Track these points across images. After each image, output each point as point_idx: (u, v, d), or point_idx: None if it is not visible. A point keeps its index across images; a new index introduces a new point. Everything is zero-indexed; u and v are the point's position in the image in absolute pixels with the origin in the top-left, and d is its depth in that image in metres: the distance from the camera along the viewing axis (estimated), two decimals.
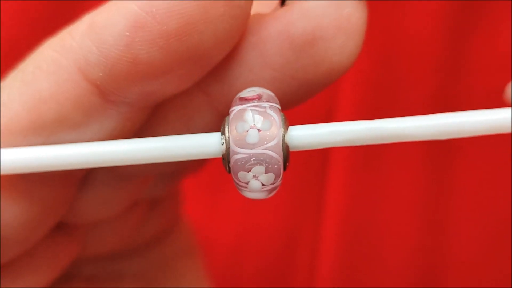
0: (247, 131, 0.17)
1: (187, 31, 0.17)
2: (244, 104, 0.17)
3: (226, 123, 0.17)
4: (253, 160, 0.17)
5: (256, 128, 0.17)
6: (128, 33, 0.17)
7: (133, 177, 0.21)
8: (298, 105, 0.19)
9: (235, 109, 0.17)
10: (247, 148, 0.17)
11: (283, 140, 0.17)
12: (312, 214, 0.32)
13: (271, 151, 0.17)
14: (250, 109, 0.17)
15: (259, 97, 0.17)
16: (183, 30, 0.17)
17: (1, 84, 0.19)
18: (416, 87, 0.30)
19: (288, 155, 0.17)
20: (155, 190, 0.23)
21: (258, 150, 0.17)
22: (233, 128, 0.17)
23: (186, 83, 0.18)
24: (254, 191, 0.17)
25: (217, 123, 0.20)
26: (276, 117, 0.17)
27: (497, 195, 0.31)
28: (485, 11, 0.30)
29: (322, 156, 0.32)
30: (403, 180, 0.31)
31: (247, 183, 0.17)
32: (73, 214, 0.21)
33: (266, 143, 0.17)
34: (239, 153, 0.17)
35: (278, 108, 0.17)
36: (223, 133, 0.17)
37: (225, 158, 0.17)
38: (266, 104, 0.17)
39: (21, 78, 0.18)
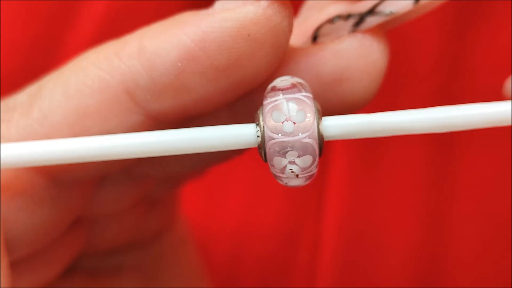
0: (282, 122, 0.17)
1: (235, 67, 0.18)
2: (278, 94, 0.17)
3: (260, 114, 0.17)
4: (289, 146, 0.17)
5: (291, 120, 0.17)
6: (180, 64, 0.18)
7: (144, 177, 0.22)
8: None
9: (269, 100, 0.17)
10: (283, 135, 0.17)
11: (318, 129, 0.17)
12: (312, 212, 0.32)
13: (307, 137, 0.17)
14: (285, 100, 0.17)
15: (292, 87, 0.18)
16: (232, 66, 0.18)
17: (35, 94, 0.19)
18: (417, 85, 0.30)
19: (323, 144, 0.17)
20: (160, 190, 0.24)
21: (294, 137, 0.17)
22: (268, 118, 0.17)
23: (221, 105, 0.19)
24: (290, 178, 0.17)
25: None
26: (310, 107, 0.17)
27: (497, 194, 0.31)
28: (485, 10, 0.30)
29: (322, 155, 0.32)
30: (403, 179, 0.31)
31: (284, 168, 0.17)
32: (85, 211, 0.22)
33: (301, 134, 0.17)
34: (275, 138, 0.17)
35: (311, 97, 0.17)
36: (257, 123, 0.17)
37: (261, 147, 0.17)
38: (299, 95, 0.17)
39: (61, 91, 0.19)
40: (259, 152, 0.18)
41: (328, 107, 0.19)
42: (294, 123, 0.17)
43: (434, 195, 0.31)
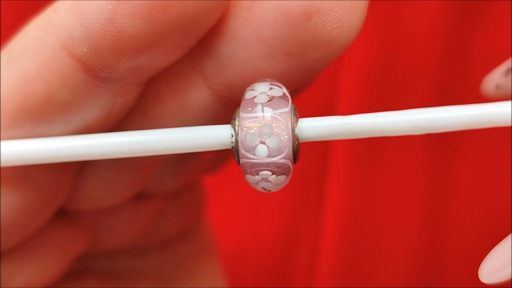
0: (257, 145, 0.17)
1: (170, 2, 0.16)
2: (255, 109, 0.17)
3: (236, 121, 0.17)
4: (262, 166, 0.17)
5: (266, 145, 0.17)
6: (110, 6, 0.16)
7: (135, 160, 0.21)
8: (299, 87, 0.19)
9: (246, 116, 0.17)
10: (256, 156, 0.17)
11: (293, 146, 0.17)
12: (312, 213, 0.32)
13: (281, 158, 0.17)
14: (262, 119, 0.17)
15: (270, 100, 0.17)
16: (166, 1, 0.16)
17: None
18: (418, 84, 0.30)
19: (298, 147, 0.17)
20: (164, 181, 0.23)
21: (268, 160, 0.17)
22: (243, 137, 0.17)
23: (174, 55, 0.18)
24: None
25: (214, 103, 0.19)
26: (285, 127, 0.17)
27: (497, 193, 0.31)
28: (486, 10, 0.30)
29: (322, 155, 0.32)
30: (403, 179, 0.31)
31: (257, 183, 0.17)
32: (76, 199, 0.21)
33: (276, 155, 0.17)
34: (248, 158, 0.17)
35: (288, 111, 0.17)
36: (233, 127, 0.17)
37: (234, 152, 0.17)
38: (276, 113, 0.17)
39: (8, 58, 0.18)
40: (233, 154, 0.17)
41: (304, 51, 0.18)
42: (268, 148, 0.17)
43: (434, 195, 0.31)
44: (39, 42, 0.18)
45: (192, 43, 0.18)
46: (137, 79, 0.18)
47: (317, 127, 0.17)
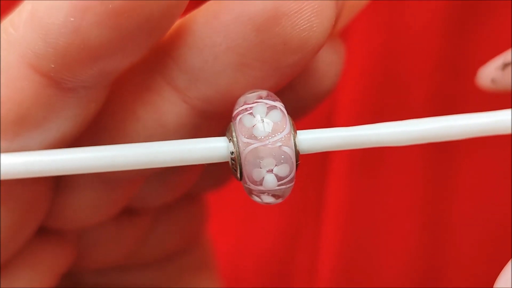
0: (254, 125, 0.16)
1: (134, 6, 0.15)
2: (249, 104, 0.17)
3: (232, 127, 0.17)
4: (265, 152, 0.16)
5: (265, 120, 0.16)
6: (73, 19, 0.15)
7: (118, 180, 0.20)
8: (275, 90, 0.18)
9: (241, 111, 0.16)
10: (257, 140, 0.16)
11: (294, 137, 0.16)
12: (312, 217, 0.32)
13: (282, 144, 0.16)
14: (258, 104, 0.16)
15: (262, 96, 0.17)
16: (131, 6, 0.15)
17: None
18: (417, 85, 0.30)
19: (298, 158, 0.17)
20: (150, 196, 0.22)
21: (269, 141, 0.16)
22: (241, 126, 0.16)
23: (141, 54, 0.17)
24: (268, 189, 0.17)
25: (192, 117, 0.19)
26: (283, 109, 0.16)
27: (496, 197, 0.31)
28: (486, 10, 0.30)
29: (322, 159, 0.32)
30: (403, 182, 0.31)
31: (262, 179, 0.16)
32: (59, 219, 0.21)
33: (277, 135, 0.16)
34: (251, 144, 0.16)
35: (283, 109, 0.17)
36: (230, 137, 0.17)
37: (234, 161, 0.17)
38: (271, 101, 0.17)
39: None
40: (232, 172, 0.17)
41: (275, 56, 0.17)
42: (268, 123, 0.16)
43: (434, 199, 0.31)
44: (2, 62, 0.17)
45: (157, 40, 0.17)
46: (106, 82, 0.18)
47: (316, 139, 0.17)
